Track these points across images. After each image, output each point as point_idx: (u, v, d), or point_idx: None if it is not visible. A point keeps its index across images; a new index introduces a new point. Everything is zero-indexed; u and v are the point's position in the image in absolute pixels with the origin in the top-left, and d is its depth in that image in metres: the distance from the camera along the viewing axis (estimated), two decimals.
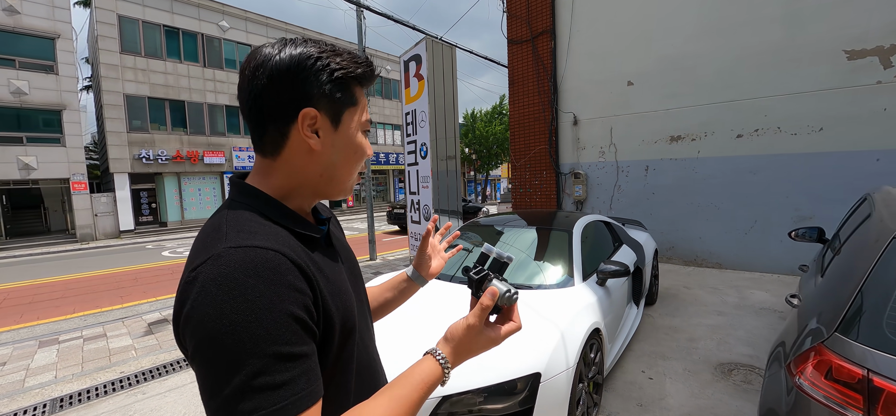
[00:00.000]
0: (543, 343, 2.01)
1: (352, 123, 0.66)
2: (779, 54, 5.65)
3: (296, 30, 22.15)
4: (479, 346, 0.69)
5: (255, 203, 0.61)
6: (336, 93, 0.63)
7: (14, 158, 13.77)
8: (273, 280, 0.50)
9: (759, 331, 3.74)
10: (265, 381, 0.47)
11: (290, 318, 0.50)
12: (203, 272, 0.50)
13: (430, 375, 0.63)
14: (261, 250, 0.51)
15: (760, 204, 5.94)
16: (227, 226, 0.56)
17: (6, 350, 4.18)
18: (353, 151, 0.68)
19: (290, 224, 0.61)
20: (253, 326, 0.47)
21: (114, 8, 16.11)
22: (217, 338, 0.47)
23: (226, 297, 0.48)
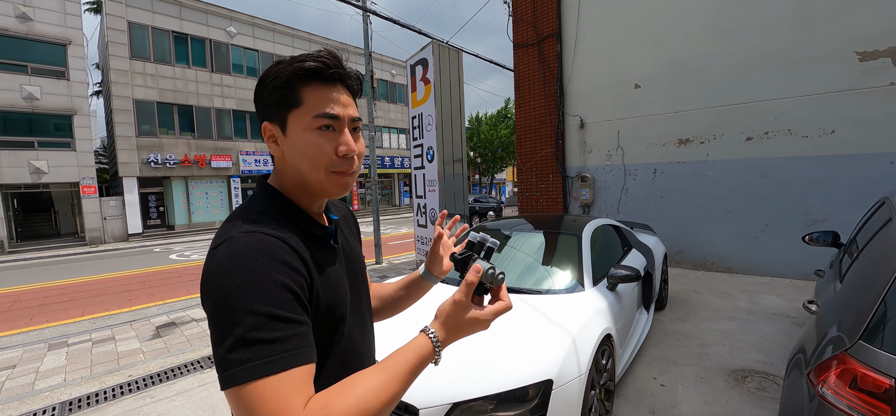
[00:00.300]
0: (555, 349, 1.98)
1: (299, 123, 0.67)
2: (789, 56, 5.59)
3: (302, 35, 22.35)
4: (467, 323, 0.71)
5: (267, 199, 0.71)
6: (278, 99, 0.67)
7: (26, 163, 13.98)
8: (272, 256, 0.59)
9: (772, 337, 3.67)
10: (260, 335, 0.54)
11: (284, 288, 0.58)
12: (219, 251, 0.60)
13: (421, 350, 0.67)
14: (265, 235, 0.61)
15: (771, 207, 5.86)
16: (242, 216, 0.65)
17: (16, 353, 4.22)
18: (304, 152, 0.67)
19: (293, 219, 0.69)
20: (252, 288, 0.56)
21: (124, 15, 16.35)
22: (222, 297, 0.56)
23: (232, 266, 0.57)
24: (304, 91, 0.67)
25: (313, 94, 0.67)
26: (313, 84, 0.67)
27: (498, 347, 2.03)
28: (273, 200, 0.71)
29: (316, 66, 0.67)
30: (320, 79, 0.68)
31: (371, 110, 8.88)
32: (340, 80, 0.71)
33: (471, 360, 1.96)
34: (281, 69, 0.67)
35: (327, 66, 0.68)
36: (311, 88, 0.67)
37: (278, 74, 0.67)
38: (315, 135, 0.67)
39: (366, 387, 0.59)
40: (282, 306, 0.57)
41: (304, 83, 0.67)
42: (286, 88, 0.67)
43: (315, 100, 0.67)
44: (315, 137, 0.67)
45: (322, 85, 0.68)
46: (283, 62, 0.68)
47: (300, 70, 0.66)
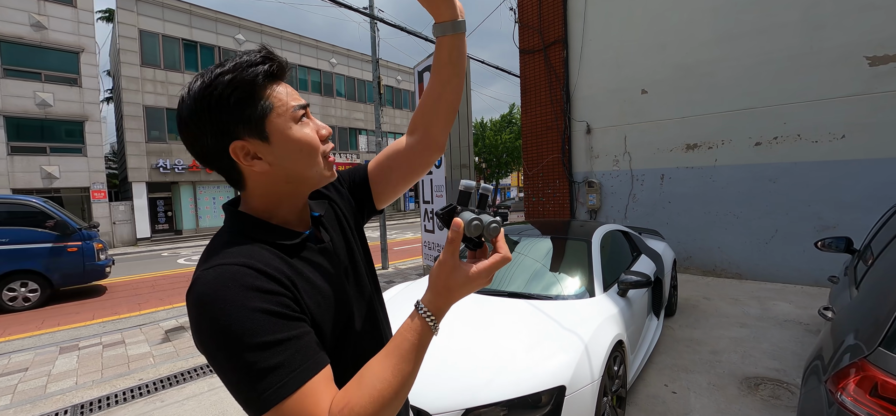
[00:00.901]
0: (567, 355, 1.97)
1: (280, 127, 0.63)
2: (798, 61, 5.56)
3: (309, 42, 22.60)
4: (459, 284, 0.63)
5: (238, 225, 0.67)
6: (250, 112, 0.62)
7: (38, 168, 14.22)
8: (239, 286, 0.56)
9: (785, 344, 3.62)
10: (262, 367, 0.54)
11: (262, 313, 0.55)
12: (190, 296, 0.57)
13: (416, 326, 0.63)
14: (226, 267, 0.58)
15: (781, 213, 5.80)
16: (207, 251, 0.63)
17: (28, 356, 4.27)
18: (299, 150, 0.65)
19: (269, 238, 0.66)
20: (233, 327, 0.54)
21: (135, 23, 16.65)
22: (212, 347, 0.55)
23: (205, 313, 0.55)
24: (268, 94, 0.63)
25: (275, 94, 0.64)
26: (271, 84, 0.64)
27: (510, 352, 2.03)
28: (238, 225, 0.67)
29: (274, 68, 0.64)
30: (275, 78, 0.66)
31: (378, 116, 8.94)
32: (281, 72, 0.68)
33: (483, 365, 1.95)
34: (236, 80, 0.60)
35: (282, 67, 0.66)
36: (272, 89, 0.64)
37: (239, 85, 0.60)
38: (299, 128, 0.65)
39: (377, 376, 0.58)
40: (269, 331, 0.55)
41: (265, 87, 0.63)
42: (253, 97, 0.62)
43: (281, 97, 0.64)
44: (300, 129, 0.65)
45: (275, 82, 0.65)
46: (225, 72, 0.60)
47: (262, 75, 0.62)
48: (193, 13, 18.26)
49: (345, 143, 24.62)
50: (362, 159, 25.09)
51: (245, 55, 0.63)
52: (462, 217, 0.63)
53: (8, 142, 13.72)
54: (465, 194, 0.67)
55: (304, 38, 22.36)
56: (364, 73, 25.52)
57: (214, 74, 0.60)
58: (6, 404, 3.22)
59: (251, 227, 0.67)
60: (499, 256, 0.64)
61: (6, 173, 13.69)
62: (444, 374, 1.93)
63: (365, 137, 25.70)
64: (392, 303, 2.86)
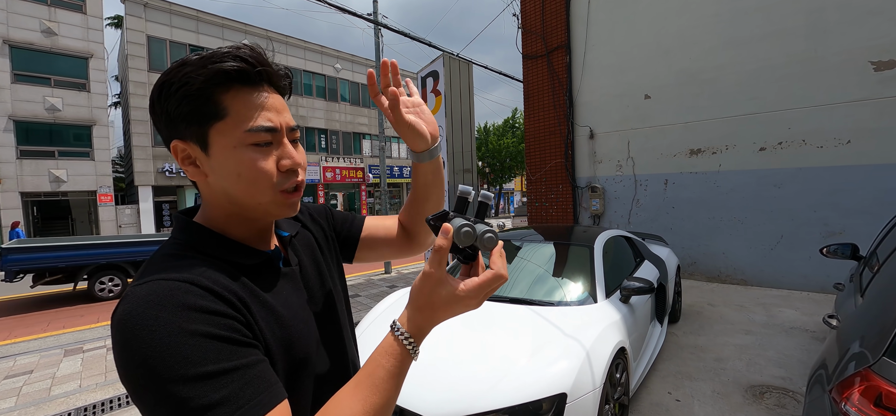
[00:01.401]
0: (569, 362, 1.96)
1: (227, 140, 0.54)
2: (802, 66, 5.53)
3: (314, 48, 22.80)
4: (444, 302, 0.55)
5: (186, 236, 0.58)
6: (191, 112, 0.53)
7: (46, 171, 14.40)
8: (178, 306, 0.46)
9: (790, 352, 3.58)
10: (200, 404, 0.43)
11: (206, 338, 0.46)
12: (113, 317, 0.48)
13: (392, 351, 0.54)
14: (165, 282, 0.48)
15: (786, 219, 5.75)
16: (146, 266, 0.54)
17: (34, 358, 4.30)
18: (239, 174, 0.55)
19: (223, 253, 0.57)
20: (165, 355, 0.44)
21: (143, 29, 16.89)
22: (138, 383, 0.44)
23: (131, 336, 0.45)
24: (226, 99, 0.54)
25: (239, 102, 0.54)
26: (236, 89, 0.54)
27: (510, 358, 2.02)
28: (187, 236, 0.58)
29: (237, 68, 0.53)
30: (244, 81, 0.55)
31: (381, 121, 8.99)
32: (268, 80, 0.58)
33: (483, 371, 1.95)
34: (189, 73, 0.52)
35: (251, 66, 0.55)
36: (235, 95, 0.54)
37: (187, 80, 0.52)
38: (250, 152, 0.55)
39: (346, 409, 0.50)
40: (212, 359, 0.45)
41: (224, 89, 0.54)
42: (201, 97, 0.53)
43: (243, 109, 0.54)
44: (250, 154, 0.55)
45: (247, 89, 0.55)
46: (189, 63, 0.53)
47: (217, 73, 0.52)
48: (200, 19, 18.50)
49: (349, 147, 24.73)
50: (366, 164, 25.21)
51: (223, 48, 0.55)
52: (452, 224, 0.55)
53: (17, 146, 13.91)
54: (462, 201, 0.60)
55: (309, 44, 22.56)
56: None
57: (182, 60, 0.54)
58: (11, 406, 3.24)
59: (203, 239, 0.58)
60: (492, 273, 0.56)
61: (15, 177, 13.87)
62: (444, 379, 1.93)
63: (368, 142, 25.81)
64: (389, 312, 2.86)
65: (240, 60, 0.54)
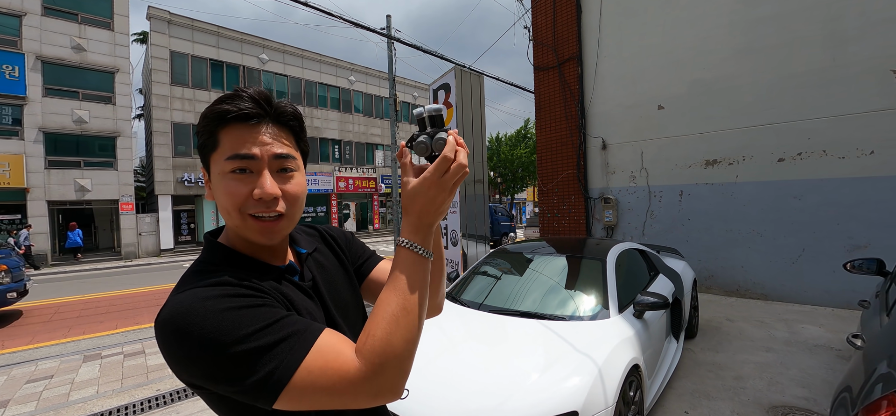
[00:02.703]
0: (580, 379, 1.93)
1: (217, 167, 0.63)
2: (821, 75, 5.41)
3: (329, 61, 23.28)
4: (418, 195, 0.62)
5: (209, 255, 0.67)
6: (202, 144, 0.65)
7: (72, 181, 14.94)
8: (220, 295, 0.55)
9: (814, 371, 3.44)
10: (265, 343, 0.52)
11: (241, 309, 0.54)
12: (159, 320, 0.55)
13: (409, 259, 0.62)
14: (201, 288, 0.57)
15: (808, 231, 5.57)
16: (180, 280, 0.62)
17: (54, 363, 4.42)
18: (218, 197, 0.64)
19: (237, 270, 0.64)
20: (223, 327, 0.52)
21: (167, 44, 17.53)
22: (204, 360, 0.52)
23: (186, 326, 0.52)
24: (222, 134, 0.63)
25: (230, 136, 0.62)
26: (233, 126, 0.62)
27: (521, 373, 1.99)
28: (212, 255, 0.67)
29: (232, 110, 0.61)
30: (243, 120, 0.63)
31: (393, 132, 9.09)
32: (270, 118, 0.65)
33: (494, 386, 1.92)
34: (206, 112, 0.63)
35: (246, 116, 0.62)
36: (230, 130, 0.62)
37: (203, 117, 0.63)
38: (228, 179, 0.62)
39: (386, 304, 0.59)
40: (262, 317, 0.54)
41: (223, 125, 0.62)
42: (205, 132, 0.64)
43: (230, 142, 0.62)
44: (228, 180, 0.62)
45: (243, 126, 0.63)
46: (211, 103, 0.64)
47: (217, 113, 0.62)
48: (221, 35, 19.11)
49: (362, 157, 25.03)
50: (379, 174, 25.44)
51: (237, 90, 0.63)
52: (414, 142, 0.65)
53: (46, 156, 14.49)
54: (421, 121, 0.68)
55: (324, 57, 23.05)
56: (381, 89, 26.04)
57: (214, 101, 0.64)
58: (31, 410, 3.33)
59: (222, 257, 0.66)
60: (440, 156, 0.62)
61: (43, 186, 14.42)
62: (455, 392, 1.91)
63: (382, 152, 26.08)
64: None
65: (232, 104, 0.62)
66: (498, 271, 3.35)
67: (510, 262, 3.51)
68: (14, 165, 13.73)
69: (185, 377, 0.55)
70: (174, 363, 0.54)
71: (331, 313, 0.73)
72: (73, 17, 15.07)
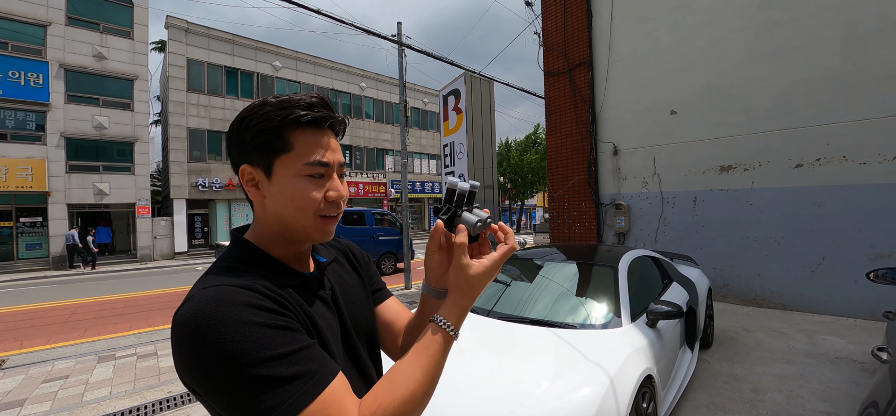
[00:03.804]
0: (592, 389, 1.88)
1: (288, 170, 0.65)
2: (840, 79, 5.27)
3: (340, 67, 23.57)
4: (476, 280, 0.66)
5: (238, 252, 0.68)
6: (264, 144, 0.65)
7: (91, 185, 15.35)
8: (241, 304, 0.54)
9: (836, 384, 3.32)
10: (278, 377, 0.52)
11: (268, 327, 0.54)
12: (182, 314, 0.54)
13: (439, 338, 0.64)
14: (225, 287, 0.56)
15: (828, 239, 5.41)
16: (205, 274, 0.63)
17: (70, 363, 4.50)
18: (292, 199, 0.65)
19: (267, 272, 0.65)
20: (242, 344, 0.51)
21: (184, 52, 17.98)
22: (215, 372, 0.51)
23: (206, 331, 0.52)
24: (293, 136, 0.65)
25: (303, 140, 0.65)
26: (303, 129, 0.65)
27: (530, 383, 1.96)
28: (239, 252, 0.68)
29: (311, 118, 0.65)
30: (311, 125, 0.66)
31: (404, 137, 9.13)
32: (330, 125, 0.69)
33: (502, 395, 1.89)
34: (268, 112, 0.64)
35: (323, 119, 0.67)
36: (302, 134, 0.65)
37: (266, 118, 0.64)
38: (304, 181, 0.65)
39: (407, 380, 0.60)
40: (279, 344, 0.53)
41: (293, 128, 0.65)
42: (275, 133, 0.64)
43: (305, 146, 0.65)
44: (304, 183, 0.65)
45: (311, 130, 0.66)
46: (269, 105, 0.65)
47: (292, 118, 0.64)
48: (236, 43, 19.53)
49: (372, 163, 25.20)
50: (389, 179, 25.57)
51: (302, 97, 0.66)
52: (465, 220, 0.69)
53: (67, 160, 14.92)
54: (451, 192, 0.71)
55: (336, 64, 23.35)
56: (392, 95, 26.24)
57: (263, 100, 0.66)
58: (46, 410, 3.39)
59: (252, 256, 0.67)
60: (506, 248, 0.69)
61: (63, 190, 14.84)
62: (464, 400, 1.88)
63: (391, 158, 26.22)
64: None
65: (311, 110, 0.65)
66: (507, 277, 3.31)
67: (520, 268, 3.47)
68: (36, 170, 14.16)
69: (187, 380, 0.55)
70: (181, 363, 0.54)
71: (347, 326, 0.75)
72: (94, 27, 15.56)
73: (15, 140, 14.03)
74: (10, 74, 13.81)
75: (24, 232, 14.63)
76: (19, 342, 5.48)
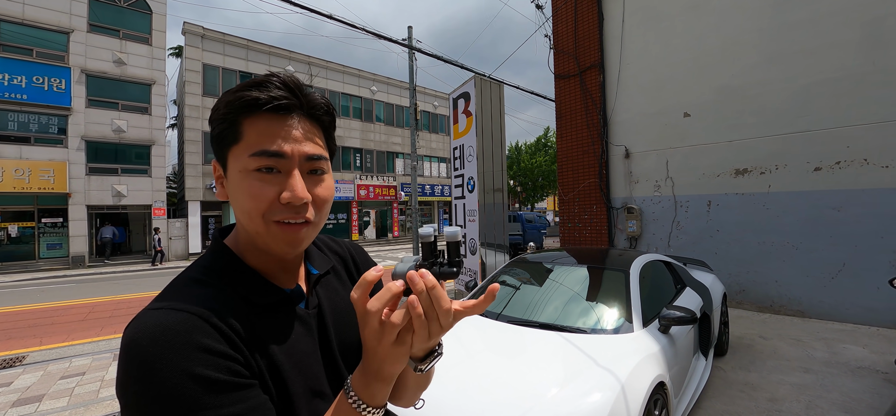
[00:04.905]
0: (602, 395, 1.85)
1: (237, 163, 0.54)
2: (859, 80, 5.13)
3: (352, 71, 23.82)
4: (380, 357, 0.50)
5: (212, 259, 0.59)
6: (218, 135, 0.56)
7: (109, 187, 15.75)
8: (180, 343, 0.46)
9: (858, 395, 3.21)
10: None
11: (201, 381, 0.46)
12: (125, 333, 0.48)
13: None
14: (174, 312, 0.49)
15: (848, 245, 5.25)
16: (171, 284, 0.55)
17: (87, 361, 4.61)
18: (238, 199, 0.55)
19: (241, 290, 0.57)
20: (160, 397, 0.44)
21: (200, 58, 18.39)
22: (128, 403, 0.46)
23: (130, 366, 0.46)
24: (245, 124, 0.54)
25: (255, 127, 0.54)
26: (259, 115, 0.54)
27: (540, 388, 1.94)
28: (216, 260, 0.59)
29: (254, 97, 0.53)
30: (271, 109, 0.54)
31: (414, 141, 9.18)
32: (303, 109, 0.57)
33: (510, 400, 1.87)
34: (221, 99, 0.55)
35: (273, 100, 0.53)
36: (255, 121, 0.54)
37: (218, 105, 0.55)
38: (252, 178, 0.54)
39: None
40: (205, 405, 0.45)
41: (248, 114, 0.54)
42: (225, 120, 0.54)
43: (255, 135, 0.53)
44: (251, 180, 0.54)
45: (270, 116, 0.54)
46: (229, 91, 0.55)
47: (239, 101, 0.53)
48: (250, 48, 19.92)
49: (382, 166, 25.36)
50: (399, 182, 25.68)
51: (259, 76, 0.56)
52: (408, 296, 0.51)
53: (87, 163, 15.35)
54: (427, 247, 0.54)
55: (347, 68, 23.61)
56: (402, 99, 26.39)
57: (229, 88, 0.57)
58: (63, 405, 3.48)
59: (226, 265, 0.59)
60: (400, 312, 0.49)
61: (83, 191, 15.25)
62: (472, 404, 1.87)
63: (401, 160, 26.35)
64: None
65: (260, 90, 0.53)
66: (517, 280, 3.29)
67: (530, 272, 3.45)
68: (58, 172, 14.59)
69: (119, 395, 0.48)
70: (117, 381, 0.47)
71: (331, 348, 0.64)
72: (115, 34, 16.01)
73: (38, 143, 14.49)
74: (35, 80, 14.29)
75: (46, 232, 15.06)
76: (39, 339, 5.64)
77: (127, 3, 16.26)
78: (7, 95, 13.83)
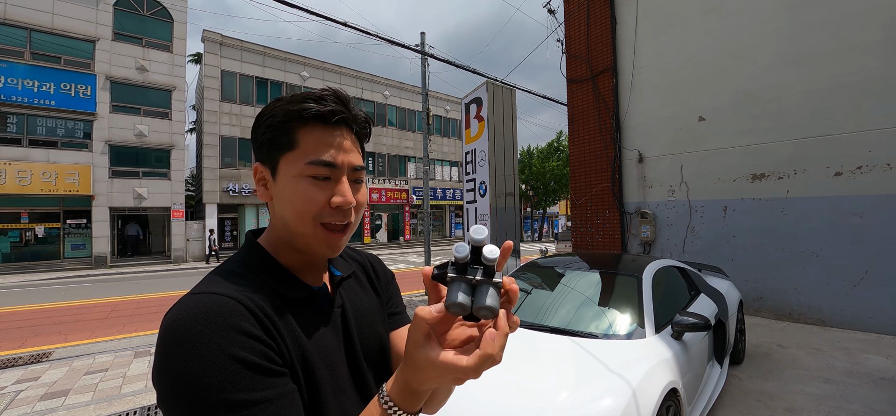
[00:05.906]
0: (613, 400, 1.86)
1: (290, 169, 0.59)
2: (882, 83, 5.00)
3: (365, 76, 24.12)
4: (425, 373, 0.48)
5: (247, 255, 0.64)
6: (270, 140, 0.60)
7: (131, 189, 16.26)
8: (221, 324, 0.49)
9: (880, 406, 3.12)
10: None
11: (239, 363, 0.48)
12: (165, 319, 0.51)
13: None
14: (216, 296, 0.52)
15: (871, 252, 5.10)
16: (211, 273, 0.59)
17: (109, 358, 4.77)
18: (291, 201, 0.59)
19: (267, 278, 0.60)
20: (202, 373, 0.47)
21: (218, 64, 18.89)
22: (169, 388, 0.48)
23: (176, 345, 0.48)
24: (300, 133, 0.60)
25: (311, 137, 0.60)
26: (313, 126, 0.60)
27: (550, 392, 1.95)
28: (248, 256, 0.63)
29: (318, 111, 0.59)
30: (322, 121, 0.60)
31: (426, 145, 9.24)
32: (346, 123, 0.63)
33: (520, 404, 1.89)
34: (277, 107, 0.60)
35: (332, 114, 0.60)
36: (310, 131, 0.60)
37: (274, 113, 0.60)
38: (306, 183, 0.59)
39: None
40: (240, 387, 0.47)
41: (302, 124, 0.60)
42: (281, 128, 0.60)
43: (311, 144, 0.59)
44: (305, 185, 0.59)
45: (323, 127, 0.60)
46: (282, 99, 0.61)
47: (297, 112, 0.59)
48: (266, 54, 20.38)
49: (394, 169, 25.55)
50: (411, 186, 25.82)
51: (314, 91, 0.62)
52: (446, 296, 0.46)
53: (110, 167, 15.87)
54: (476, 251, 0.48)
55: (361, 73, 23.92)
56: (414, 103, 26.60)
57: (279, 96, 0.62)
58: (88, 400, 3.61)
59: (260, 261, 0.63)
60: (477, 357, 0.45)
61: (106, 194, 15.77)
62: (482, 407, 1.89)
63: (414, 164, 26.50)
64: None
65: (320, 105, 0.60)
66: (528, 285, 3.30)
67: (541, 276, 3.45)
68: (83, 175, 15.12)
69: (155, 382, 0.50)
70: (154, 362, 0.50)
71: (354, 349, 0.67)
72: (138, 42, 16.58)
73: (64, 147, 15.06)
74: (62, 86, 14.87)
75: (70, 233, 15.60)
76: (64, 336, 5.85)
77: (150, 13, 16.83)
78: (37, 101, 14.43)
